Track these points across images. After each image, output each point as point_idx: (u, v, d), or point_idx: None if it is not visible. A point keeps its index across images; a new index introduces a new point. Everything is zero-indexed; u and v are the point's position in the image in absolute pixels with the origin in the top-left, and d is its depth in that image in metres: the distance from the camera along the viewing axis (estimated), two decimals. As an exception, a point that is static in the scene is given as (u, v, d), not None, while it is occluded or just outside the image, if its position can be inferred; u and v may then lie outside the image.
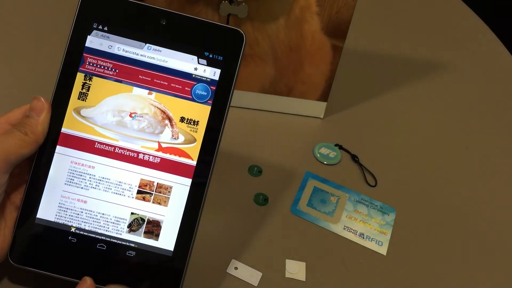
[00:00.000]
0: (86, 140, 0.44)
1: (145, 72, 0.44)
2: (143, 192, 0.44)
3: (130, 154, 0.44)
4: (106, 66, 0.44)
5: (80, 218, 0.43)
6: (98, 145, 0.44)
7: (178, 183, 0.44)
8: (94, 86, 0.44)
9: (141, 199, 0.44)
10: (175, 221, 0.43)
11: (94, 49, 0.44)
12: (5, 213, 0.43)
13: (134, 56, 0.44)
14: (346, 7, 0.57)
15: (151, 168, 0.44)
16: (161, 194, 0.44)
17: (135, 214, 0.43)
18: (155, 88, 0.44)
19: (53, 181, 0.43)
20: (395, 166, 0.62)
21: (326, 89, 0.63)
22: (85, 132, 0.44)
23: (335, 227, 0.55)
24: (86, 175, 0.43)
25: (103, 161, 0.44)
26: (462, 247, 0.56)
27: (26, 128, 0.42)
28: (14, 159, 0.41)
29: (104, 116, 0.44)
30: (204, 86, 0.45)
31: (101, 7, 0.44)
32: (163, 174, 0.44)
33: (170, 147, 0.44)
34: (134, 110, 0.44)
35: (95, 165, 0.44)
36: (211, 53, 0.44)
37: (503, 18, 1.30)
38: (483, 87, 0.75)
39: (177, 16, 0.44)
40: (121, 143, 0.44)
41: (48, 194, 0.43)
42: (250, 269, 0.50)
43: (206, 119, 0.44)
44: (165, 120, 0.44)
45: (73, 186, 0.43)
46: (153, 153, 0.44)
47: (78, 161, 0.44)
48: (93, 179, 0.43)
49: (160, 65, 0.44)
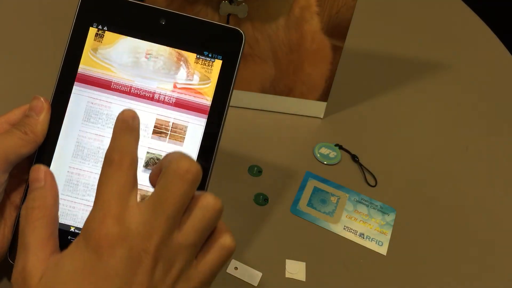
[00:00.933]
0: (102, 80, 0.44)
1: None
2: (159, 131, 0.44)
3: (145, 94, 0.44)
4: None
5: (96, 157, 0.43)
6: (114, 85, 0.44)
7: (193, 123, 0.44)
8: (107, 34, 0.45)
9: (156, 138, 0.44)
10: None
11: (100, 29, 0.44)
12: (4, 213, 0.43)
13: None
14: (346, 7, 0.57)
15: (166, 108, 0.44)
16: (177, 134, 0.44)
17: (150, 153, 0.44)
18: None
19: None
20: (395, 166, 0.62)
21: (326, 89, 0.63)
22: (102, 69, 0.44)
23: (335, 227, 0.55)
24: (103, 114, 0.44)
25: (120, 101, 0.44)
26: (462, 247, 0.56)
27: (26, 128, 0.42)
28: (14, 158, 0.41)
29: (120, 57, 0.44)
30: None
31: (101, 7, 0.44)
32: (178, 114, 0.44)
33: (185, 87, 0.44)
34: (150, 48, 0.44)
35: (111, 105, 0.44)
36: (210, 53, 0.44)
37: (503, 18, 1.30)
38: (483, 87, 0.75)
39: (176, 16, 0.44)
40: (136, 83, 0.44)
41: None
42: (250, 269, 0.50)
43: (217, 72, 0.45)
44: (180, 60, 0.45)
45: (89, 126, 0.44)
46: (168, 93, 0.44)
47: (96, 101, 0.44)
48: (110, 118, 0.44)
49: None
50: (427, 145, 0.66)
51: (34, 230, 0.36)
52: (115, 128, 0.37)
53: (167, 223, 0.34)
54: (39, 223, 0.36)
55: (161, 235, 0.34)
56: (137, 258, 0.33)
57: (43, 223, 0.36)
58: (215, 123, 0.44)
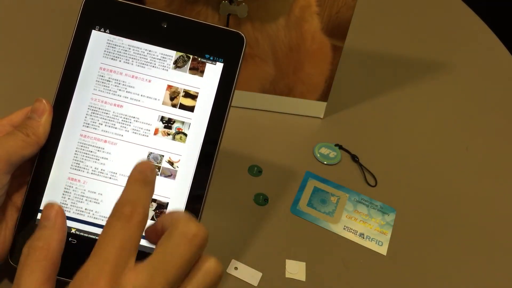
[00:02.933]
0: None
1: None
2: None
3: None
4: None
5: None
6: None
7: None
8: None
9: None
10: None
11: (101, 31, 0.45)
12: (6, 214, 0.43)
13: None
14: (346, 7, 0.57)
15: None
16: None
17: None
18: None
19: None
20: (395, 166, 0.62)
21: (326, 89, 0.63)
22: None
23: (335, 227, 0.55)
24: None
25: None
26: (462, 247, 0.56)
27: (28, 130, 0.42)
28: (16, 160, 0.41)
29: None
30: None
31: (103, 10, 0.44)
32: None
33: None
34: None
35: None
36: (211, 56, 0.45)
37: (503, 18, 1.30)
38: (483, 87, 0.75)
39: (178, 19, 0.44)
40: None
41: (49, 195, 0.43)
42: (250, 269, 0.50)
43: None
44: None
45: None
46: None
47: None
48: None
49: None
50: (427, 145, 0.66)
51: (31, 273, 0.34)
52: (130, 178, 0.35)
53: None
54: (38, 266, 0.34)
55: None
56: None
57: (42, 266, 0.34)
58: (218, 122, 0.45)
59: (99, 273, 0.31)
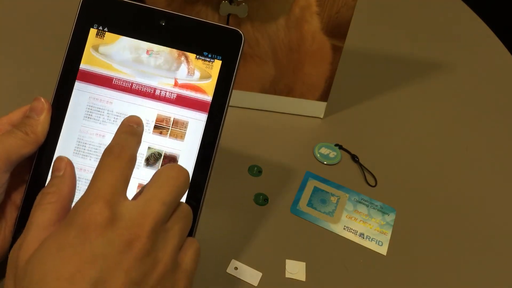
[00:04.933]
0: (104, 76, 0.44)
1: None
2: (160, 127, 0.44)
3: (147, 90, 0.44)
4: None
5: (98, 152, 0.44)
6: (116, 81, 0.44)
7: (194, 118, 0.44)
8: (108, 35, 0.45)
9: (158, 133, 0.44)
10: (191, 155, 0.44)
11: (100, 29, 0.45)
12: (5, 212, 0.43)
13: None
14: (346, 7, 0.57)
15: (167, 104, 0.44)
16: (178, 129, 0.44)
17: (152, 149, 0.44)
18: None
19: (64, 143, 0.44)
20: (395, 166, 0.62)
21: (326, 89, 0.63)
22: (103, 68, 0.44)
23: (335, 227, 0.55)
24: (104, 110, 0.44)
25: (121, 97, 0.44)
26: (462, 247, 0.56)
27: (27, 128, 0.42)
28: (15, 158, 0.41)
29: (121, 53, 0.44)
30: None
31: (101, 9, 0.45)
32: (179, 110, 0.44)
33: (186, 83, 0.45)
34: (151, 47, 0.45)
35: (113, 100, 0.44)
36: (210, 53, 0.45)
37: (503, 18, 1.30)
38: (483, 87, 0.75)
39: (176, 17, 0.44)
40: (138, 80, 0.45)
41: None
42: (250, 269, 0.50)
43: (219, 65, 0.45)
44: (181, 57, 0.45)
45: (91, 121, 0.44)
46: (169, 89, 0.45)
47: (97, 97, 0.44)
48: (111, 114, 0.44)
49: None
50: (427, 145, 0.66)
51: (42, 212, 0.36)
52: (119, 130, 0.37)
53: (163, 209, 0.34)
54: (49, 207, 0.36)
55: (156, 221, 0.34)
56: (127, 243, 0.33)
57: (53, 207, 0.36)
58: (216, 119, 0.44)
59: (95, 199, 0.33)
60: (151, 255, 0.33)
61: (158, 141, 0.44)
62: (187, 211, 0.38)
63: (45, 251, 0.33)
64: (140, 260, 0.33)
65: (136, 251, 0.33)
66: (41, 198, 0.37)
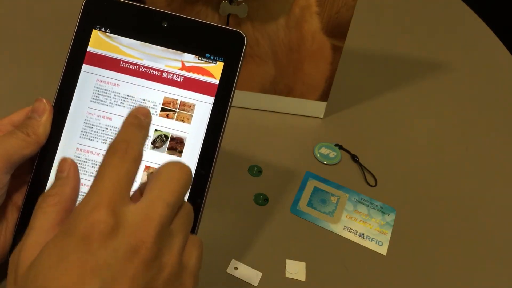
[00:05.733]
0: (111, 59, 0.44)
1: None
2: (167, 109, 0.44)
3: (154, 73, 0.44)
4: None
5: (105, 134, 0.44)
6: (123, 64, 0.44)
7: (201, 101, 0.44)
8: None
9: (164, 116, 0.44)
10: (198, 138, 0.44)
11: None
12: (6, 214, 0.43)
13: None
14: (346, 7, 0.57)
15: (174, 87, 0.44)
16: (184, 112, 0.44)
17: (158, 131, 0.44)
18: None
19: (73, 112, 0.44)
20: (395, 166, 0.62)
21: (326, 89, 0.63)
22: (110, 51, 0.44)
23: (335, 227, 0.55)
24: (111, 92, 0.44)
25: (128, 79, 0.44)
26: (462, 247, 0.56)
27: (28, 129, 0.42)
28: (16, 159, 0.41)
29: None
30: None
31: (104, 10, 0.45)
32: (186, 92, 0.44)
33: (193, 66, 0.45)
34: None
35: (120, 83, 0.44)
36: (212, 55, 0.45)
37: (503, 18, 1.30)
38: (483, 87, 0.75)
39: (178, 18, 0.44)
40: (145, 62, 0.44)
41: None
42: (250, 269, 0.50)
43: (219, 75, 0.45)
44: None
45: (99, 104, 0.44)
46: (176, 72, 0.44)
47: (104, 79, 0.44)
48: (118, 96, 0.44)
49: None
50: (427, 145, 0.66)
51: (43, 214, 0.35)
52: (125, 122, 0.36)
53: (167, 211, 0.33)
54: (51, 209, 0.35)
55: (161, 224, 0.33)
56: (132, 250, 0.31)
57: (55, 209, 0.35)
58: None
59: (99, 200, 0.32)
60: (157, 260, 0.32)
61: (165, 124, 0.44)
62: (190, 209, 0.37)
63: (47, 259, 0.32)
64: (146, 266, 0.32)
65: (141, 258, 0.32)
66: (42, 201, 0.36)
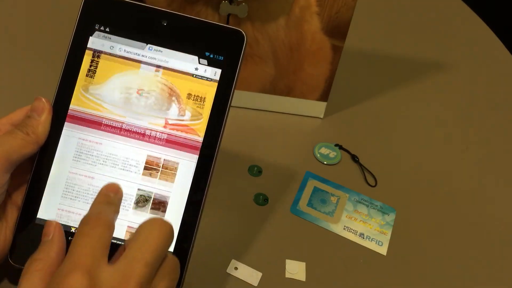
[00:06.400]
0: (94, 118, 0.44)
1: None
2: (150, 168, 0.44)
3: (137, 131, 0.44)
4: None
5: (88, 194, 0.43)
6: (105, 122, 0.44)
7: (184, 160, 0.44)
8: (102, 64, 0.44)
9: (147, 175, 0.44)
10: (182, 197, 0.44)
11: (96, 50, 0.44)
12: (6, 213, 0.43)
13: (136, 56, 0.44)
14: (346, 7, 0.57)
15: (158, 145, 0.44)
16: (168, 171, 0.44)
17: (141, 191, 0.44)
18: (161, 66, 0.45)
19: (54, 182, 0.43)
20: (395, 166, 0.62)
21: (326, 89, 0.63)
22: (93, 109, 0.44)
23: (335, 227, 0.55)
24: (94, 151, 0.44)
25: (111, 137, 0.44)
26: (462, 247, 0.56)
27: (28, 128, 0.42)
28: (16, 158, 0.41)
29: (112, 94, 0.44)
30: None
31: (103, 9, 0.44)
32: (170, 151, 0.44)
33: (177, 123, 0.44)
34: (141, 87, 0.44)
35: (103, 141, 0.44)
36: (212, 53, 0.45)
37: (503, 18, 1.30)
38: (483, 87, 0.75)
39: (178, 17, 0.44)
40: (128, 120, 0.44)
41: (49, 193, 0.43)
42: (250, 269, 0.50)
43: (212, 96, 0.44)
44: (172, 96, 0.44)
45: (81, 162, 0.44)
46: (160, 130, 0.44)
47: (86, 138, 0.44)
48: (101, 155, 0.44)
49: (161, 65, 0.44)
50: (427, 145, 0.66)
51: (29, 279, 0.36)
52: (95, 201, 0.38)
53: (145, 270, 0.33)
54: (35, 275, 0.36)
55: (139, 284, 0.33)
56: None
57: (39, 275, 0.36)
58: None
59: (73, 268, 0.33)
60: None
61: (147, 183, 0.44)
62: (174, 264, 0.37)
63: None
64: None
65: None
66: (29, 265, 0.37)
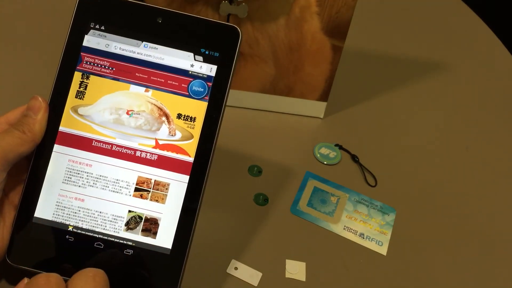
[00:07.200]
0: (83, 138, 0.44)
1: (142, 70, 0.45)
2: (141, 189, 0.44)
3: (127, 152, 0.44)
4: (103, 65, 0.44)
5: (78, 216, 0.43)
6: (95, 143, 0.44)
7: (175, 180, 0.44)
8: (92, 84, 0.44)
9: (138, 196, 0.43)
10: (173, 218, 0.43)
11: (92, 48, 0.44)
12: (3, 212, 0.43)
13: (131, 54, 0.44)
14: (346, 7, 0.57)
15: (148, 165, 0.44)
16: (159, 192, 0.44)
17: (132, 212, 0.43)
18: (152, 85, 0.44)
19: (50, 180, 0.43)
20: (395, 166, 0.62)
21: (326, 89, 0.63)
22: (82, 130, 0.44)
23: (335, 227, 0.55)
24: (84, 173, 0.43)
25: (101, 159, 0.44)
26: (462, 247, 0.56)
27: (24, 127, 0.42)
28: (12, 157, 0.41)
29: (101, 114, 0.44)
30: (200, 82, 0.45)
31: (98, 7, 0.45)
32: (160, 171, 0.44)
33: (167, 144, 0.44)
34: (131, 107, 0.44)
35: (93, 163, 0.44)
36: (207, 50, 0.45)
37: (503, 18, 1.30)
38: (483, 87, 0.75)
39: (172, 14, 0.44)
40: (118, 141, 0.44)
41: (46, 193, 0.43)
42: (250, 269, 0.50)
43: (203, 116, 0.44)
44: (162, 117, 0.44)
45: (70, 185, 0.43)
46: (150, 150, 0.44)
47: (76, 160, 0.44)
48: (91, 177, 0.43)
49: (157, 62, 0.44)
50: (427, 145, 0.66)
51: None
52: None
53: None
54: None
55: None
56: None
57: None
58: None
59: None
60: None
61: (138, 204, 0.43)
62: None
63: None
64: None
65: None
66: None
